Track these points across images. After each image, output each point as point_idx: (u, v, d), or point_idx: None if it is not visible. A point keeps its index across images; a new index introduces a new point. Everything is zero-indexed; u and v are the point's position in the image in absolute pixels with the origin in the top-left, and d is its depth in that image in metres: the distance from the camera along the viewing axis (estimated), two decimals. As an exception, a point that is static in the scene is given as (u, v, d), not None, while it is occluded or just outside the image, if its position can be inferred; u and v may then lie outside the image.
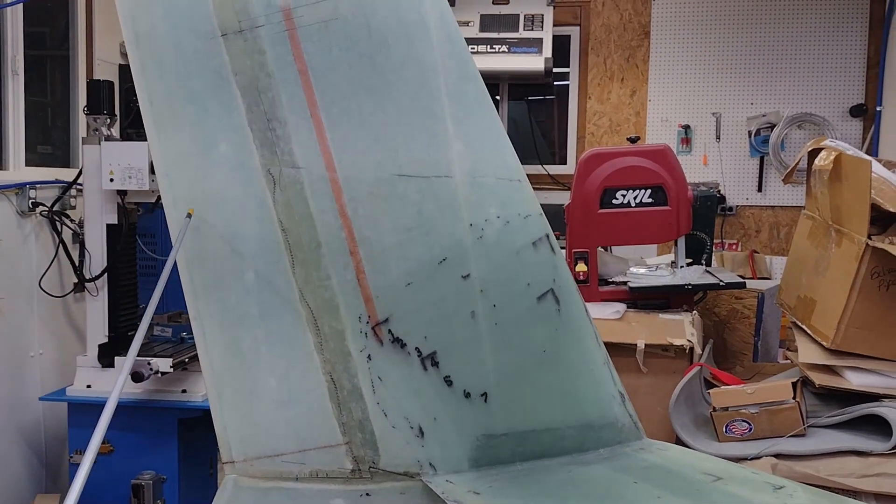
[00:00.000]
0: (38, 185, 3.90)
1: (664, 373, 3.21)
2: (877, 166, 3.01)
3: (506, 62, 5.44)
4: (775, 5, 5.61)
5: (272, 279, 1.71)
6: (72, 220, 3.95)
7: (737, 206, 5.76)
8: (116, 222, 3.42)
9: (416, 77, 1.73)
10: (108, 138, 3.43)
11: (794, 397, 2.86)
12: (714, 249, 4.78)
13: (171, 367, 3.30)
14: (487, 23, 5.55)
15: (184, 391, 3.41)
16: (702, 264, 4.08)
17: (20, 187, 3.80)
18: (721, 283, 3.79)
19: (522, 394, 1.78)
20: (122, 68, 4.42)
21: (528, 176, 1.81)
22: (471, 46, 5.39)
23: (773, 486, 1.68)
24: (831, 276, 3.09)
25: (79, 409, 3.44)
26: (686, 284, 3.74)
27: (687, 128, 5.80)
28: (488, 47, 5.46)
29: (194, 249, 1.70)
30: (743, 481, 1.72)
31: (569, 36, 5.97)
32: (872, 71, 5.49)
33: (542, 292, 1.78)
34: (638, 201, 3.75)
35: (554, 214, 3.85)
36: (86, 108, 3.51)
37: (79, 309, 4.06)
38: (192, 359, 3.40)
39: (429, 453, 1.74)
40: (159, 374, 3.30)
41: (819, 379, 2.93)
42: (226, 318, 1.71)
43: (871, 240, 2.85)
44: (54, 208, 3.87)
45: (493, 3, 5.63)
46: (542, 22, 5.51)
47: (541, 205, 1.84)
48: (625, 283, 3.85)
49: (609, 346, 1.92)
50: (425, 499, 1.71)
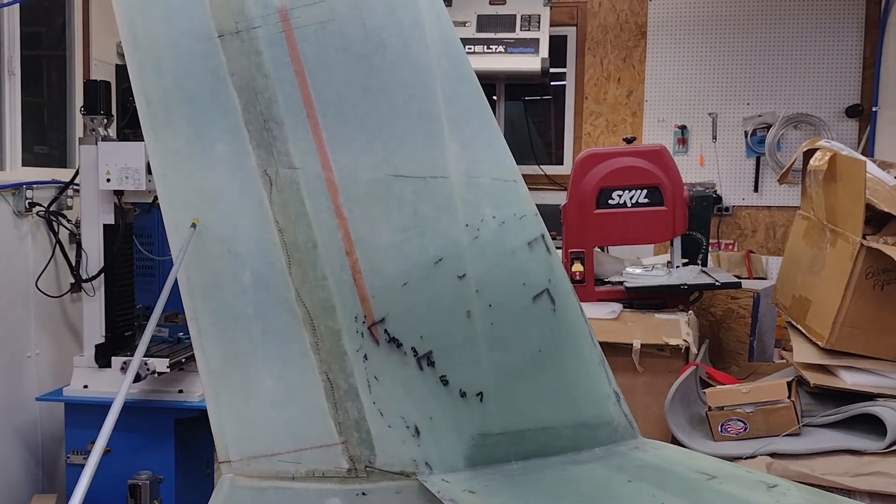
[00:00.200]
0: (34, 186, 3.90)
1: (660, 372, 3.22)
2: (871, 166, 3.03)
3: (502, 62, 5.44)
4: (772, 6, 5.62)
5: (269, 279, 1.71)
6: (68, 221, 3.94)
7: (733, 207, 5.77)
8: (113, 222, 3.42)
9: (411, 78, 1.74)
10: (105, 138, 3.44)
11: (789, 397, 2.87)
12: (710, 249, 4.80)
13: (167, 367, 3.30)
14: (484, 23, 5.55)
15: (181, 391, 3.41)
16: (698, 264, 4.09)
17: (17, 187, 3.80)
18: (717, 283, 3.80)
19: (518, 393, 1.78)
20: (119, 68, 4.40)
21: (524, 176, 1.82)
22: (467, 47, 5.43)
23: (767, 484, 1.69)
24: (826, 275, 3.10)
25: (75, 409, 3.44)
26: (682, 284, 3.75)
27: (683, 128, 5.81)
28: (485, 47, 5.46)
29: (191, 250, 1.71)
30: (737, 480, 1.73)
31: (565, 36, 5.98)
32: (868, 71, 5.51)
33: (537, 292, 1.79)
34: (634, 201, 3.76)
35: (551, 215, 3.87)
36: (82, 109, 3.51)
37: (75, 309, 4.06)
38: (189, 359, 3.40)
39: (425, 452, 1.74)
40: (156, 375, 3.29)
41: (814, 378, 2.94)
42: (222, 318, 1.71)
43: (865, 240, 2.86)
44: (51, 208, 3.86)
45: (490, 4, 5.63)
46: (539, 22, 5.52)
47: (538, 205, 1.85)
48: (621, 283, 3.86)
49: (605, 345, 1.93)
50: (421, 498, 1.72)
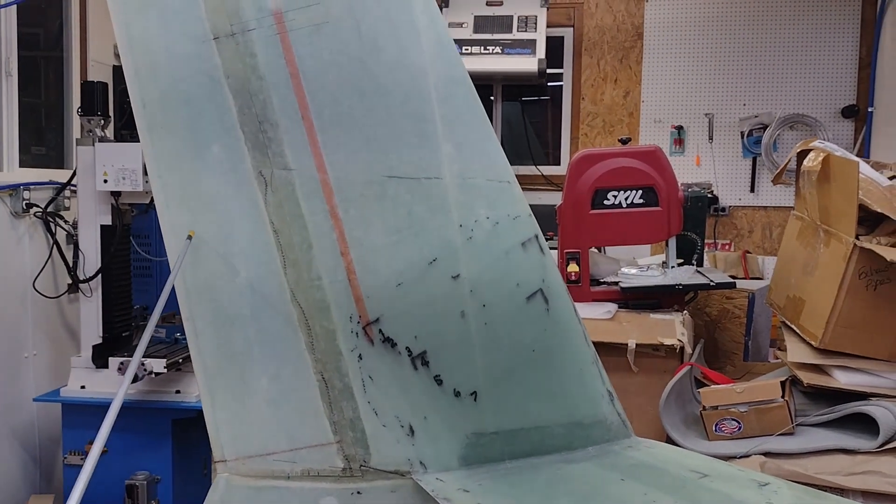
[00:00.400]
0: (32, 187, 3.91)
1: (655, 372, 3.23)
2: (864, 167, 3.04)
3: (499, 63, 5.45)
4: (768, 7, 5.64)
5: (264, 280, 1.72)
6: (66, 222, 3.95)
7: (729, 207, 5.79)
8: (110, 223, 3.43)
9: (406, 79, 1.75)
10: (102, 139, 3.45)
11: (783, 396, 2.88)
12: (707, 250, 4.80)
13: (164, 367, 3.31)
14: (481, 24, 5.57)
15: (178, 392, 3.42)
16: (693, 264, 4.10)
17: (14, 188, 3.81)
18: (711, 284, 3.81)
19: (512, 392, 1.79)
20: (116, 70, 4.43)
21: (521, 177, 1.84)
22: (464, 48, 5.45)
23: (759, 482, 1.71)
24: (820, 276, 3.12)
25: (73, 409, 3.45)
26: (677, 284, 3.76)
27: (680, 129, 5.82)
28: (482, 48, 5.47)
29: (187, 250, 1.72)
30: (729, 478, 1.74)
31: (562, 37, 5.99)
32: (864, 72, 5.53)
33: (531, 292, 1.80)
34: (629, 202, 3.77)
35: (548, 215, 3.89)
36: (80, 110, 3.53)
37: (73, 310, 4.07)
38: (186, 359, 3.41)
39: (419, 452, 1.76)
40: (153, 375, 3.30)
41: (807, 378, 2.95)
42: (218, 319, 1.72)
43: (858, 240, 2.88)
44: (48, 209, 3.87)
45: (487, 5, 5.65)
46: (536, 23, 5.53)
47: (535, 205, 1.86)
48: (616, 283, 3.87)
49: (600, 345, 1.94)
50: (416, 497, 1.73)
